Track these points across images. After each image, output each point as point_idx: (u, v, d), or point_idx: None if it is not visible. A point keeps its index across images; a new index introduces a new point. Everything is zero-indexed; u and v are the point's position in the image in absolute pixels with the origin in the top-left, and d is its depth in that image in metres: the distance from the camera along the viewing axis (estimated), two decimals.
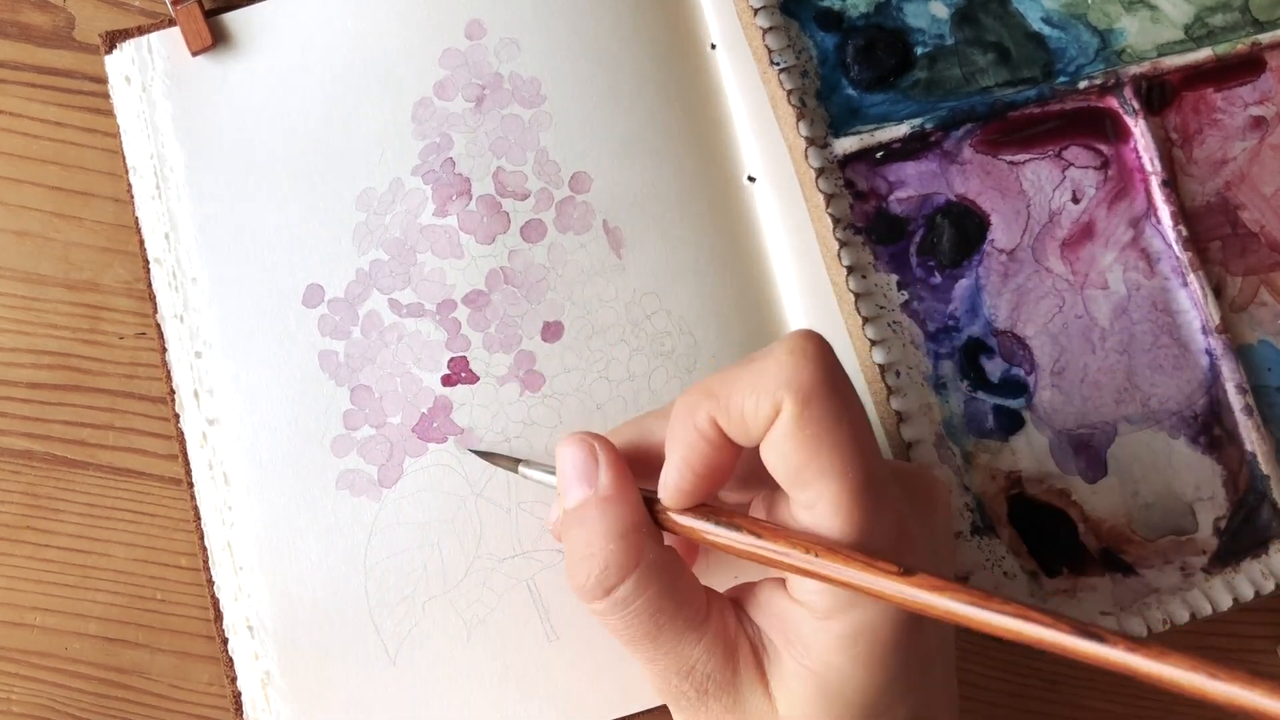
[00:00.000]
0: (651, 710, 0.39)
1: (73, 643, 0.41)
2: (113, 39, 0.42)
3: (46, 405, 0.42)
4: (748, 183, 0.43)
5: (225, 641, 0.39)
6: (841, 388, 0.30)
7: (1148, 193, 0.43)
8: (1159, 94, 0.43)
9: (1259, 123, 0.43)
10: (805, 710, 0.32)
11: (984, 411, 0.41)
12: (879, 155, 0.42)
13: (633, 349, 0.41)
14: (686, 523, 0.33)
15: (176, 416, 0.40)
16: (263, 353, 0.41)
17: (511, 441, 0.40)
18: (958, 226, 0.42)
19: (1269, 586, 0.40)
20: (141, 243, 0.41)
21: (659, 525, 0.34)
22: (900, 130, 0.42)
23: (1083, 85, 0.42)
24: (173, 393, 0.41)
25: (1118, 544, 0.40)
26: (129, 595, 0.41)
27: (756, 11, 0.42)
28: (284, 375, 0.40)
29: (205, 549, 0.40)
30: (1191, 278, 0.42)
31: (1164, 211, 0.42)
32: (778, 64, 0.41)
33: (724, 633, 0.33)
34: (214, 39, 0.42)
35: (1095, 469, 0.41)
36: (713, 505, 0.33)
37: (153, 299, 0.41)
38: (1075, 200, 0.42)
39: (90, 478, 0.42)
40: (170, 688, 0.41)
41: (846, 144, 0.42)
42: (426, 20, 0.42)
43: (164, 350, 0.41)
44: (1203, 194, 0.43)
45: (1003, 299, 0.42)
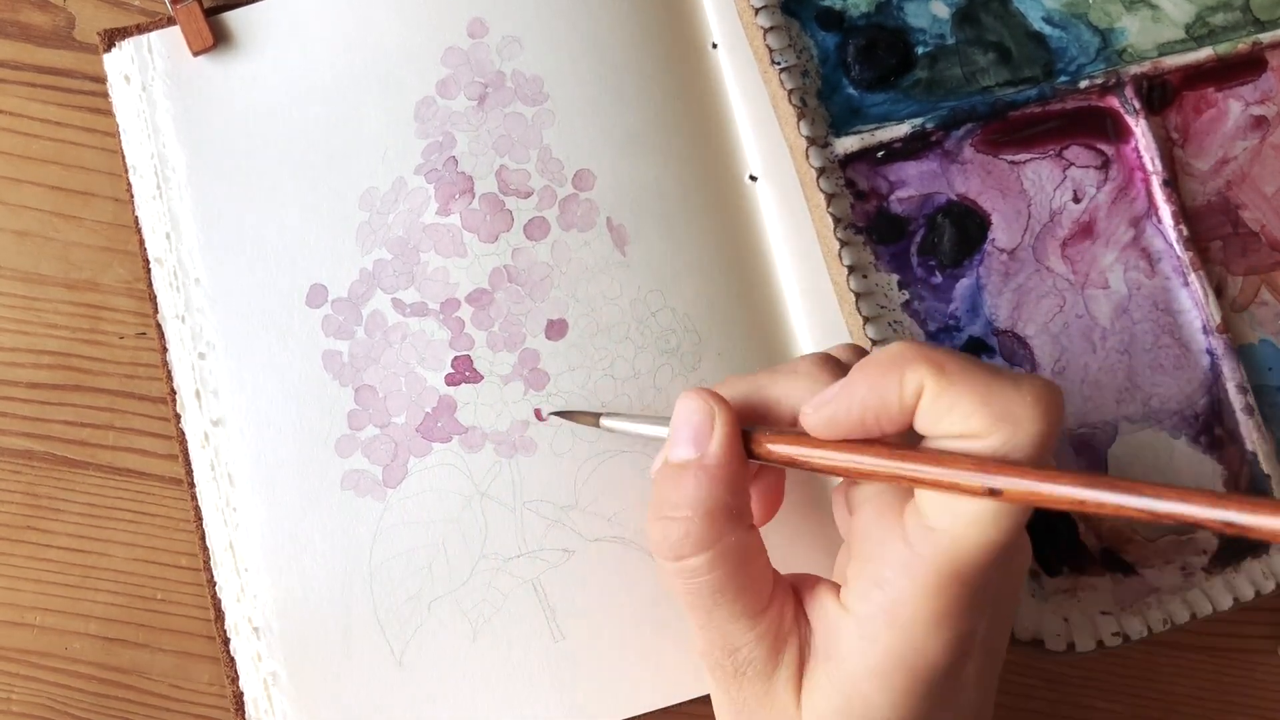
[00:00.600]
0: (659, 710, 0.39)
1: (73, 643, 0.41)
2: (111, 37, 0.42)
3: (46, 405, 0.42)
4: (749, 181, 0.43)
5: (226, 642, 0.39)
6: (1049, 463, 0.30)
7: (1148, 192, 0.43)
8: (1160, 93, 0.43)
9: (1260, 122, 0.44)
10: None
11: None
12: (880, 155, 0.42)
13: (637, 346, 0.41)
14: (819, 455, 0.31)
15: (177, 417, 0.40)
16: (266, 353, 0.40)
17: (515, 441, 0.40)
18: (959, 226, 0.42)
19: (1269, 586, 0.40)
20: (142, 242, 0.41)
21: (754, 457, 0.33)
22: (901, 130, 0.42)
23: (1084, 85, 0.42)
24: (173, 393, 0.40)
25: (1118, 543, 0.40)
26: (129, 595, 0.41)
27: (757, 11, 0.42)
28: (288, 376, 0.40)
29: (206, 549, 0.40)
30: (1192, 277, 0.42)
31: (1165, 211, 0.42)
32: (779, 63, 0.42)
33: (778, 627, 0.33)
34: (215, 39, 0.42)
35: (1096, 468, 0.41)
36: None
37: (153, 299, 0.41)
38: (1076, 200, 0.43)
39: (90, 478, 0.41)
40: (170, 688, 0.41)
41: (847, 143, 0.42)
42: (428, 18, 0.42)
43: (164, 350, 0.41)
44: (1203, 193, 0.43)
45: (1003, 299, 0.42)
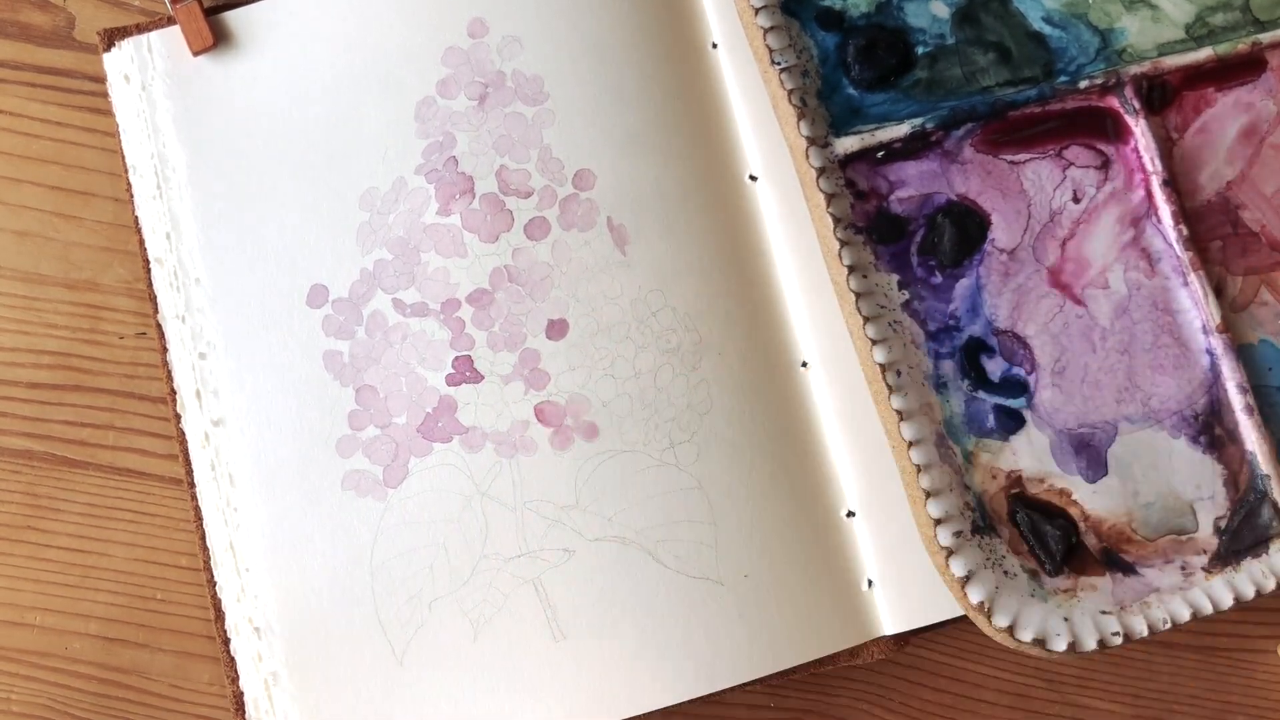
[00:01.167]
0: (658, 711, 0.39)
1: (73, 643, 0.41)
2: (111, 37, 0.42)
3: (46, 405, 0.42)
4: (749, 181, 0.43)
5: (227, 642, 0.39)
6: None
7: (1148, 192, 0.43)
8: (1160, 93, 0.43)
9: (1260, 122, 0.44)
10: None
11: (984, 411, 0.41)
12: (880, 155, 0.42)
13: (638, 346, 0.41)
14: None
15: (178, 417, 0.40)
16: (267, 354, 0.40)
17: (515, 441, 0.40)
18: (958, 226, 0.42)
19: (1270, 585, 0.40)
20: (142, 242, 0.41)
21: None
22: (901, 130, 0.42)
23: (1083, 85, 0.42)
24: (174, 393, 0.40)
25: (1118, 543, 0.40)
26: (129, 595, 0.41)
27: (758, 11, 0.42)
28: (288, 376, 0.40)
29: (206, 549, 0.40)
30: (1192, 277, 0.42)
31: (1165, 211, 0.42)
32: (779, 63, 0.41)
33: None
34: (215, 39, 0.42)
35: (1096, 468, 0.41)
36: None
37: (153, 299, 0.41)
38: (1076, 200, 0.43)
39: (90, 478, 0.41)
40: (170, 688, 0.41)
41: (847, 143, 0.42)
42: (429, 19, 0.42)
43: (165, 350, 0.41)
44: (1203, 193, 0.43)
45: (1003, 298, 0.42)
